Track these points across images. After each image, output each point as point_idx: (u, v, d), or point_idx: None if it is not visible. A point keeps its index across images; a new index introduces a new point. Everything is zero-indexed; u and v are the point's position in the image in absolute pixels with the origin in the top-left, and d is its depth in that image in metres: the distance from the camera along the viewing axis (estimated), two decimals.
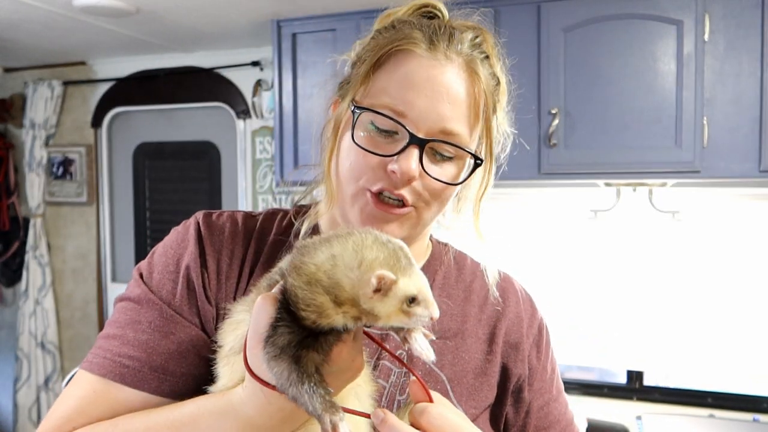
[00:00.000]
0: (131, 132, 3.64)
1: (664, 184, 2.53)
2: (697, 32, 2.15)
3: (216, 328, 0.77)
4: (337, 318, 0.59)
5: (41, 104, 3.62)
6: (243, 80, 3.28)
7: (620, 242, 2.73)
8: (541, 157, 2.33)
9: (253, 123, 3.29)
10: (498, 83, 0.85)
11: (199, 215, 0.87)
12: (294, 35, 2.66)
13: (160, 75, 3.45)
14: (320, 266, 0.60)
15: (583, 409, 2.61)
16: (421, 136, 0.77)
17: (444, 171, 0.80)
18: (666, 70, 2.20)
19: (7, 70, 3.82)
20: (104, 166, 3.67)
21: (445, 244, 0.97)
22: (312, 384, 0.58)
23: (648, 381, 2.77)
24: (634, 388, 2.78)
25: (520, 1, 2.34)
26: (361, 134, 0.79)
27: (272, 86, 2.82)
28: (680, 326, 2.68)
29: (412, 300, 0.58)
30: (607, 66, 2.26)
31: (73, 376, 0.82)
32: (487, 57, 0.83)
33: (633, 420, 2.57)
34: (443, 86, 0.77)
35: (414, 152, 0.76)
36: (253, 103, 3.23)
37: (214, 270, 0.82)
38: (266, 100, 3.16)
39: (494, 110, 0.84)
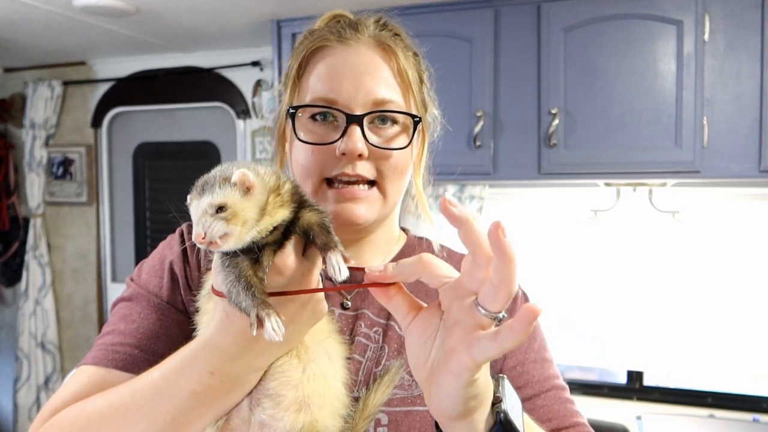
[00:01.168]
0: (131, 132, 3.64)
1: (664, 184, 2.53)
2: (697, 32, 2.15)
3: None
4: None
5: (41, 104, 3.62)
6: (243, 80, 3.28)
7: (620, 242, 2.73)
8: (541, 157, 2.33)
9: (253, 123, 3.29)
10: (416, 55, 0.90)
11: (184, 226, 0.93)
12: (294, 35, 2.66)
13: (160, 75, 3.45)
14: None
15: (583, 409, 2.60)
16: (357, 113, 0.82)
17: (390, 141, 0.85)
18: (666, 70, 2.20)
19: (7, 70, 3.82)
20: (104, 166, 3.67)
21: (421, 238, 1.02)
22: (246, 283, 0.62)
23: (648, 381, 2.77)
24: (634, 388, 2.78)
25: (520, 1, 2.34)
26: (304, 133, 0.85)
27: (272, 86, 2.82)
28: (680, 326, 2.68)
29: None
30: (607, 66, 2.26)
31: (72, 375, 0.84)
32: (397, 35, 0.89)
33: (633, 420, 2.57)
34: (361, 64, 0.83)
35: (355, 129, 0.81)
36: (253, 103, 3.23)
37: (195, 265, 0.87)
38: (266, 100, 3.15)
39: (422, 81, 0.90)
